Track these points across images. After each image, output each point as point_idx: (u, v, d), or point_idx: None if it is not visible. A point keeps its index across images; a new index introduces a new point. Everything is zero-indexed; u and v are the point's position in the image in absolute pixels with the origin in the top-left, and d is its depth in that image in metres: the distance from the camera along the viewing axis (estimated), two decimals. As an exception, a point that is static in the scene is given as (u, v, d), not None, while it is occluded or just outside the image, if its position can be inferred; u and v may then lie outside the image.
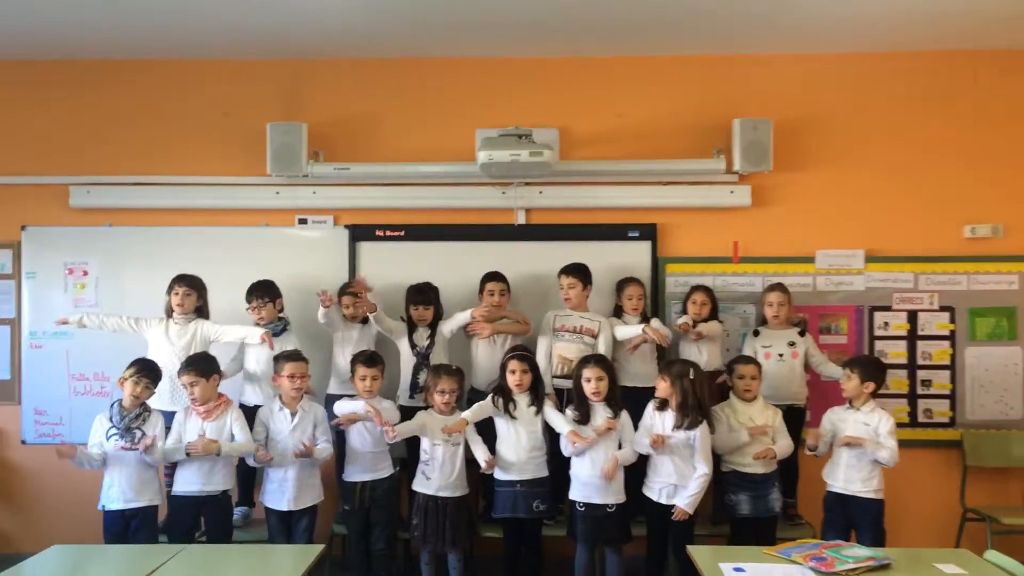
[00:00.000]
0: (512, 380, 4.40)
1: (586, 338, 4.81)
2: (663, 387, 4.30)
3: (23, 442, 5.36)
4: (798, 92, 5.31)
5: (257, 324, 4.78)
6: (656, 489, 4.28)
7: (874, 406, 4.32)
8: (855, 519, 4.27)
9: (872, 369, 4.39)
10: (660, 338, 4.71)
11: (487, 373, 4.75)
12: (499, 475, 4.39)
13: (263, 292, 4.81)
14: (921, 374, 5.28)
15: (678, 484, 4.22)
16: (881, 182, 5.29)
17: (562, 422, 4.33)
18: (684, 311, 4.99)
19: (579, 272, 4.91)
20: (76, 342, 5.29)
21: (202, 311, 4.84)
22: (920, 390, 5.27)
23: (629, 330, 4.81)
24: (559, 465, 4.40)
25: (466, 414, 4.35)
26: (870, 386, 4.32)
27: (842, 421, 4.35)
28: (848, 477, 4.25)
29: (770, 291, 4.99)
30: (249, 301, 4.80)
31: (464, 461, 4.43)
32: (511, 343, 4.79)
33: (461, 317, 4.83)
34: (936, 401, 5.27)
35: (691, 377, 4.25)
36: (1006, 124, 5.27)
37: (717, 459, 4.40)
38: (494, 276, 4.93)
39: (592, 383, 4.30)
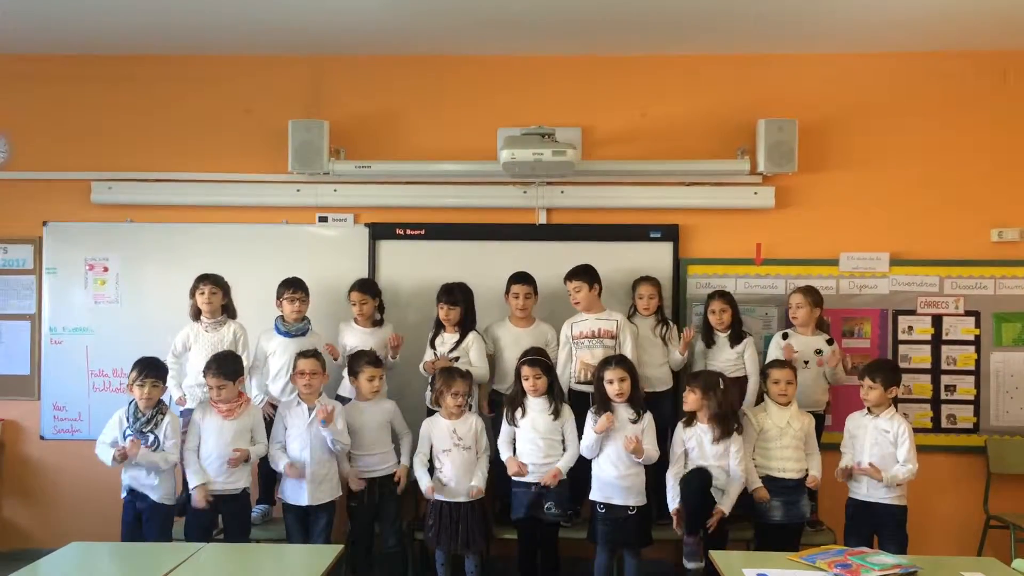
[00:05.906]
0: (527, 386, 4.37)
1: (606, 341, 4.69)
2: (693, 399, 4.24)
3: (42, 437, 5.37)
4: (824, 92, 5.26)
5: (291, 316, 4.73)
6: None
7: (893, 412, 4.26)
8: (879, 526, 4.22)
9: (893, 374, 4.34)
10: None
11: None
12: (516, 476, 4.35)
13: (300, 287, 4.76)
14: (945, 379, 5.22)
15: (722, 488, 4.18)
16: (907, 184, 5.22)
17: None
18: (706, 320, 4.90)
19: (582, 274, 4.76)
20: (95, 338, 5.32)
21: (228, 309, 4.80)
22: (944, 395, 5.21)
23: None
24: (578, 468, 4.35)
25: (507, 459, 4.36)
26: (893, 391, 4.28)
27: (861, 428, 4.29)
28: (872, 484, 4.20)
29: (795, 292, 4.88)
30: (282, 294, 4.74)
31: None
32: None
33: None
34: (960, 407, 5.21)
35: (721, 387, 4.23)
36: (1036, 127, 5.20)
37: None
38: (520, 278, 4.83)
39: (615, 384, 4.25)
